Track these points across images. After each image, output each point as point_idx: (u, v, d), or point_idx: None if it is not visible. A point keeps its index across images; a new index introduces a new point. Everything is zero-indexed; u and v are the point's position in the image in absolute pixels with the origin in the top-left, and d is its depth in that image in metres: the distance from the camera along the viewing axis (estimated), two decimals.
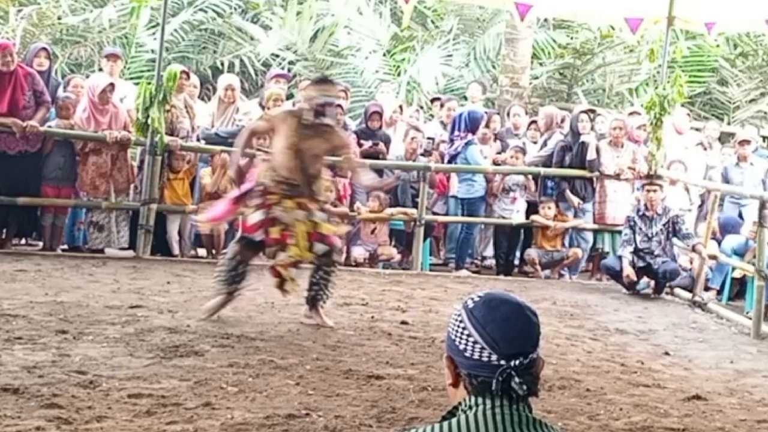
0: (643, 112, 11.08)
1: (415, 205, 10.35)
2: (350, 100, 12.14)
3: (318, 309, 7.19)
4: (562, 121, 11.12)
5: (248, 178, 7.06)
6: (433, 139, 10.67)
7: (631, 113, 11.71)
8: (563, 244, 10.62)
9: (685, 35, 14.63)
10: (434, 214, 10.72)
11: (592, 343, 7.40)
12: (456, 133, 10.47)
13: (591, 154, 10.42)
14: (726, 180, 10.54)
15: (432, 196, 10.80)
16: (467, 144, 10.44)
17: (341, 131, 7.14)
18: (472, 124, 10.46)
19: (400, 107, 11.32)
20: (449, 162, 10.55)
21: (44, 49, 9.82)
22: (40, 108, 9.21)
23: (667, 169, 10.60)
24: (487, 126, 10.73)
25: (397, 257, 10.44)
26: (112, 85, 9.43)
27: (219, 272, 7.03)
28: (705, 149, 11.46)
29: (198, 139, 9.87)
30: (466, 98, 11.87)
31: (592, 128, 11.02)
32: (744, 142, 10.77)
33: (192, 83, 10.18)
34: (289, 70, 13.30)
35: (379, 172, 10.54)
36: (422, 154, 10.45)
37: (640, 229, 9.74)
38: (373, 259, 10.23)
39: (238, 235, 7.30)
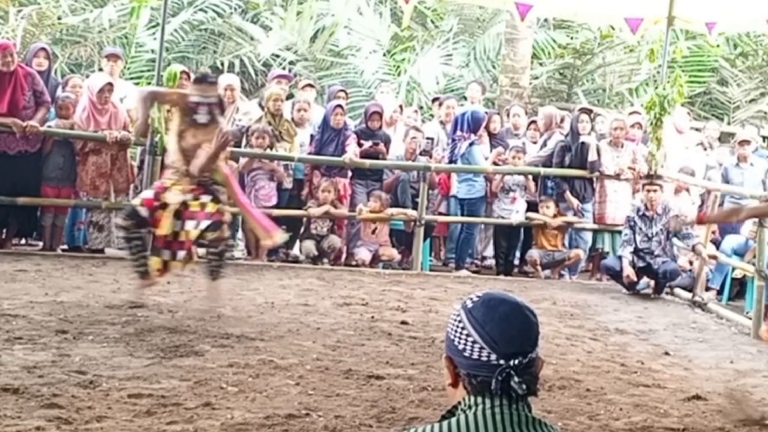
0: (642, 112, 11.08)
1: (415, 205, 10.35)
2: (350, 100, 12.15)
3: (214, 283, 7.39)
4: (562, 121, 11.12)
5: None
6: (432, 139, 10.66)
7: (631, 113, 11.71)
8: (563, 245, 10.62)
9: (685, 35, 14.63)
10: (439, 214, 10.73)
11: (592, 343, 7.40)
12: (458, 133, 10.45)
13: (592, 155, 10.41)
14: (726, 180, 10.54)
15: (436, 197, 10.80)
16: (470, 144, 10.42)
17: (221, 128, 7.16)
18: (474, 124, 10.44)
19: (400, 107, 11.32)
20: (450, 162, 10.54)
21: (43, 49, 9.82)
22: (40, 108, 9.21)
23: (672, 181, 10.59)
24: (486, 127, 10.73)
25: (398, 257, 10.44)
26: (110, 84, 9.42)
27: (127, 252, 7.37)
28: (705, 149, 11.45)
29: None
30: (465, 98, 11.86)
31: (593, 128, 11.02)
32: (744, 143, 10.76)
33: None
34: (289, 71, 13.30)
35: (380, 172, 10.57)
36: (421, 154, 10.45)
37: (640, 229, 9.73)
38: (374, 260, 10.23)
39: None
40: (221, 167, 7.32)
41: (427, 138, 10.57)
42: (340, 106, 10.24)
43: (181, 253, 7.20)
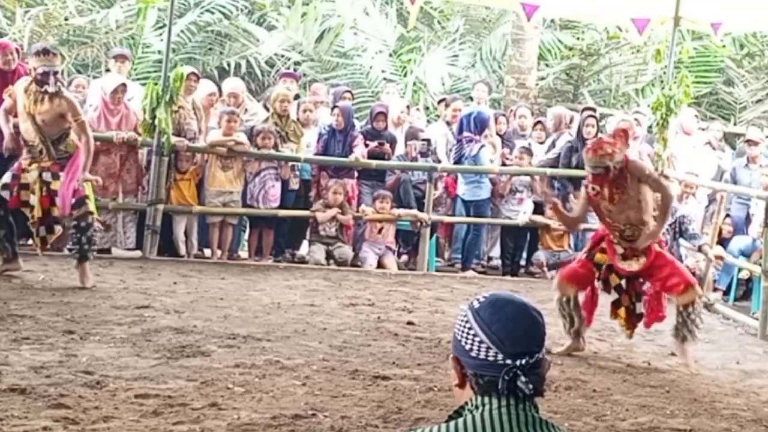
0: (648, 113, 11.06)
1: (420, 206, 10.35)
2: (356, 101, 12.17)
3: (83, 265, 7.73)
4: (571, 121, 11.10)
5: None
6: (429, 140, 10.64)
7: (635, 113, 11.70)
8: (570, 245, 10.61)
9: (691, 35, 14.60)
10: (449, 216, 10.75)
11: (598, 344, 7.39)
12: (465, 134, 10.44)
13: None
14: (734, 181, 10.51)
15: (446, 201, 10.80)
16: (481, 147, 10.40)
17: (67, 97, 7.69)
18: (480, 125, 10.43)
19: (407, 107, 11.32)
20: (456, 163, 10.53)
21: None
22: None
23: (679, 183, 10.56)
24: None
25: (396, 270, 10.34)
26: (124, 85, 9.46)
27: None
28: (714, 149, 11.42)
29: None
30: (471, 99, 11.86)
31: (599, 130, 11.00)
32: (753, 143, 10.73)
33: (201, 87, 10.17)
34: (295, 71, 13.31)
35: (384, 172, 10.57)
36: (421, 155, 10.44)
37: None
38: (378, 265, 10.21)
39: None
40: (74, 139, 7.71)
41: (424, 140, 10.54)
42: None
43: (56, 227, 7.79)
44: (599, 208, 6.74)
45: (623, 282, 6.88)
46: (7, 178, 7.76)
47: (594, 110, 11.48)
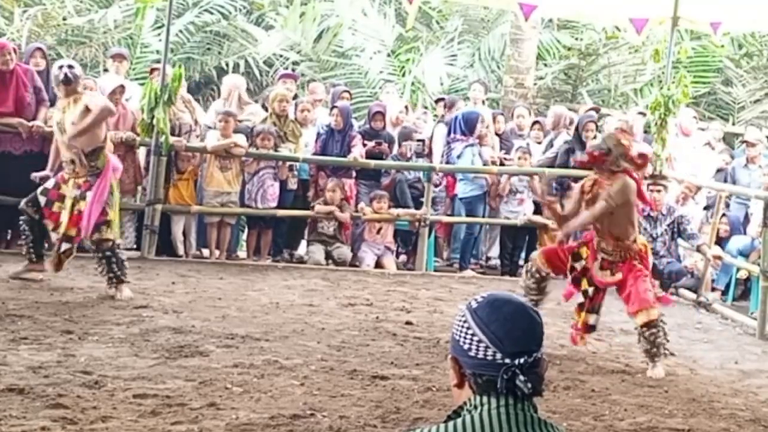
0: (647, 112, 11.06)
1: (417, 206, 10.35)
2: (354, 101, 12.16)
3: (120, 286, 7.50)
4: (571, 123, 11.10)
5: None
6: (423, 141, 10.63)
7: (638, 113, 11.70)
8: None
9: (689, 35, 14.61)
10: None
11: (596, 344, 7.39)
12: (452, 136, 10.45)
13: None
14: (733, 181, 10.52)
15: (444, 200, 10.80)
16: (467, 146, 10.40)
17: (90, 96, 7.61)
18: (467, 125, 10.42)
19: (406, 107, 11.33)
20: (448, 163, 10.52)
21: (39, 49, 9.85)
22: (41, 106, 9.23)
23: (678, 183, 10.56)
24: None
25: (395, 270, 10.34)
26: (122, 87, 9.46)
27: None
28: (713, 149, 11.41)
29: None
30: (468, 99, 11.87)
31: (598, 130, 11.00)
32: (750, 144, 10.72)
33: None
34: (293, 71, 13.31)
35: (381, 172, 10.57)
36: (417, 155, 10.44)
37: (645, 229, 9.72)
38: (376, 265, 10.21)
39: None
40: (107, 155, 7.56)
41: (418, 140, 10.53)
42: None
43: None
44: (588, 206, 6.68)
45: (591, 290, 6.85)
46: (50, 183, 7.65)
47: (598, 110, 11.48)
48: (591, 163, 6.65)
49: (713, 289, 10.02)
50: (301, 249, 10.48)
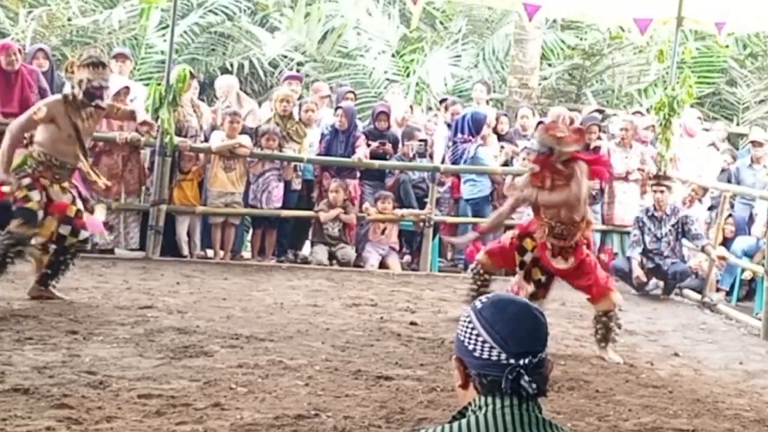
0: (645, 113, 11.05)
1: (422, 206, 10.35)
2: (359, 101, 12.15)
3: (48, 287, 7.18)
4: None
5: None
6: (425, 140, 10.63)
7: (634, 113, 11.69)
8: None
9: (694, 35, 14.60)
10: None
11: None
12: (459, 136, 10.44)
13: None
14: (737, 181, 10.50)
15: (449, 201, 10.79)
16: (478, 146, 10.39)
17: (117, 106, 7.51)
18: (475, 125, 10.42)
19: (411, 107, 11.33)
20: (454, 164, 10.53)
21: (41, 50, 9.87)
22: None
23: (682, 183, 10.56)
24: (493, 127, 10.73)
25: (400, 271, 10.33)
26: (127, 88, 9.46)
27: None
28: (718, 149, 11.39)
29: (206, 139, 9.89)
30: (472, 99, 11.87)
31: (602, 130, 10.99)
32: (757, 144, 10.71)
33: (190, 84, 10.17)
34: (297, 71, 13.32)
35: (385, 173, 10.57)
36: (419, 155, 10.44)
37: (649, 230, 9.72)
38: (381, 266, 10.22)
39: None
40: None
41: (421, 140, 10.53)
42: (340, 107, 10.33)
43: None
44: (537, 196, 6.64)
45: (543, 278, 6.83)
46: (35, 196, 6.98)
47: (602, 111, 11.46)
48: (545, 167, 6.62)
49: (718, 290, 10.01)
50: (306, 249, 10.49)
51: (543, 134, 6.63)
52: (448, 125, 11.04)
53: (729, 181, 10.49)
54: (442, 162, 10.51)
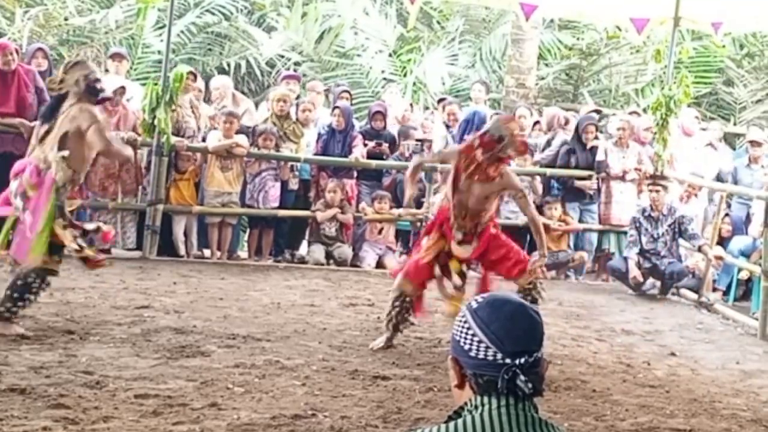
0: (641, 113, 11.04)
1: (417, 206, 10.34)
2: (356, 101, 12.16)
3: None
4: (566, 123, 11.09)
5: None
6: (422, 140, 10.63)
7: (632, 113, 11.70)
8: (569, 246, 10.60)
9: (691, 35, 14.61)
10: None
11: (598, 344, 7.40)
12: (467, 136, 10.41)
13: (600, 156, 10.41)
14: (735, 181, 10.51)
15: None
16: None
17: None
18: (483, 125, 10.40)
19: (411, 106, 11.33)
20: None
21: (41, 49, 9.86)
22: (42, 107, 9.23)
23: (679, 183, 10.56)
24: None
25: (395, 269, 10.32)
26: (123, 88, 9.46)
27: None
28: (716, 149, 11.40)
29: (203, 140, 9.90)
30: (470, 99, 11.87)
31: (599, 130, 10.99)
32: (755, 144, 10.71)
33: (197, 87, 10.18)
34: (294, 71, 13.31)
35: (382, 172, 10.57)
36: (416, 155, 10.43)
37: (646, 230, 9.73)
38: (378, 265, 10.22)
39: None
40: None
41: (417, 140, 10.53)
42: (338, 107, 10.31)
43: None
44: (458, 179, 6.46)
45: (464, 267, 6.69)
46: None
47: (599, 112, 11.45)
48: (481, 147, 6.40)
49: (715, 290, 10.02)
50: (303, 249, 10.49)
51: (501, 123, 6.53)
52: (447, 126, 11.04)
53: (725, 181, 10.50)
54: None
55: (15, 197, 6.34)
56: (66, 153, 6.31)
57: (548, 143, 10.90)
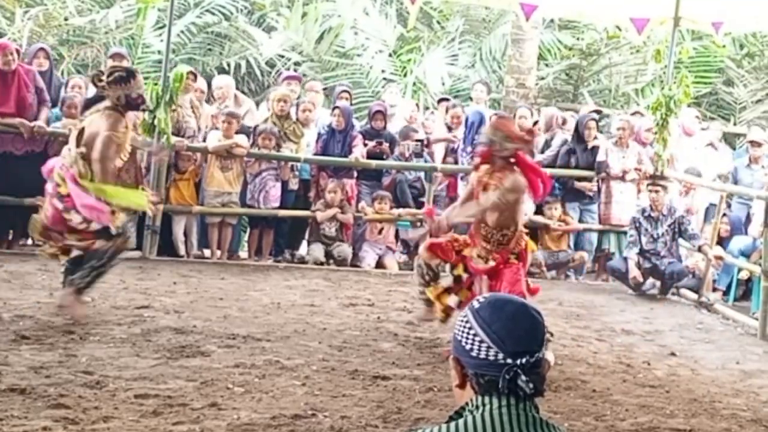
0: (645, 113, 11.04)
1: (418, 205, 10.35)
2: (356, 101, 12.15)
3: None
4: (564, 123, 11.09)
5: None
6: (422, 141, 10.63)
7: (633, 113, 11.69)
8: (569, 245, 10.60)
9: (691, 35, 14.61)
10: None
11: (598, 344, 7.39)
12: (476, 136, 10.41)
13: (601, 156, 10.41)
14: (735, 181, 10.51)
15: (445, 200, 10.79)
16: None
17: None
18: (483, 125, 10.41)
19: (417, 106, 11.34)
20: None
21: (42, 49, 9.86)
22: (42, 107, 9.24)
23: (679, 183, 10.55)
24: None
25: (397, 270, 10.32)
26: None
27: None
28: (716, 149, 11.40)
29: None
30: (471, 99, 11.87)
31: (600, 130, 10.99)
32: (755, 144, 10.71)
33: (199, 87, 10.18)
34: (295, 71, 13.31)
35: (382, 172, 10.56)
36: (416, 155, 10.44)
37: (646, 230, 9.73)
38: (378, 265, 10.22)
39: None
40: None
41: (417, 140, 10.53)
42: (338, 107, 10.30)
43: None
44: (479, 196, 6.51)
45: (465, 276, 6.69)
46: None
47: (600, 112, 11.44)
48: (485, 159, 6.55)
49: (714, 290, 10.02)
50: (303, 249, 10.49)
51: (490, 128, 6.62)
52: (449, 127, 11.04)
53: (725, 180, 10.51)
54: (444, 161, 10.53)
55: (55, 199, 6.70)
56: (83, 150, 6.66)
57: (547, 144, 10.90)
